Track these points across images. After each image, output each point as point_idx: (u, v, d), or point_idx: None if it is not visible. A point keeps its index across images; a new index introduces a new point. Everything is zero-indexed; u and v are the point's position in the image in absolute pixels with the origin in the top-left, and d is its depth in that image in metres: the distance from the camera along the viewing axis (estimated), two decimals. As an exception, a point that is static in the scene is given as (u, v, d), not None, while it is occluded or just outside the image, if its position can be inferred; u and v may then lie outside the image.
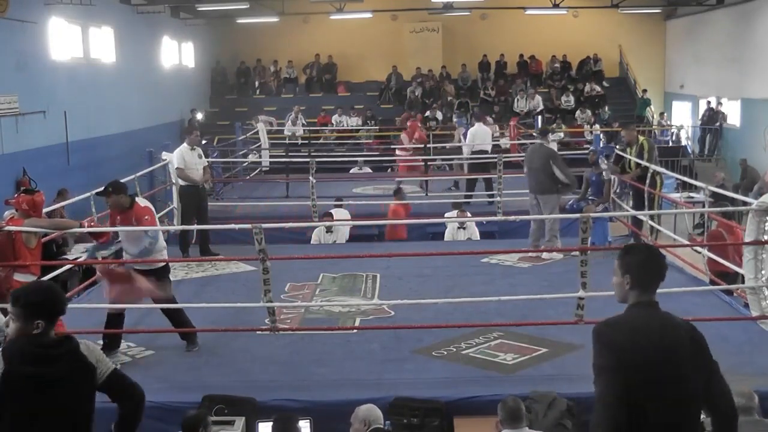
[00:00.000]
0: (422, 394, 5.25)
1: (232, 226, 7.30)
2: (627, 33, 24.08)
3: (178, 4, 19.59)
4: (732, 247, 7.54)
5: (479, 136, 13.12)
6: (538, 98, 22.08)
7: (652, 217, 9.45)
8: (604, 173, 9.70)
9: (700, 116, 21.10)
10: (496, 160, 11.49)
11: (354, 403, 4.71)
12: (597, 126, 20.60)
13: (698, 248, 8.25)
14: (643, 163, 9.51)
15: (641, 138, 10.04)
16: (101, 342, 6.12)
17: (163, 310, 6.26)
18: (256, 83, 24.10)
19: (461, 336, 6.34)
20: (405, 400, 5.15)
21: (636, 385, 2.84)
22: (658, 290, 3.04)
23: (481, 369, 5.77)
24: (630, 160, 9.82)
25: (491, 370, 5.75)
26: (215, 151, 15.20)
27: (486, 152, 13.00)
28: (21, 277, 5.60)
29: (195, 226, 9.42)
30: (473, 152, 13.01)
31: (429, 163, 14.39)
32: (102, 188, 6.25)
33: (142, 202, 6.35)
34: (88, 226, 6.35)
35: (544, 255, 8.91)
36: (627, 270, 3.00)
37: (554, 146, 11.00)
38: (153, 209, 6.38)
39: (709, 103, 20.73)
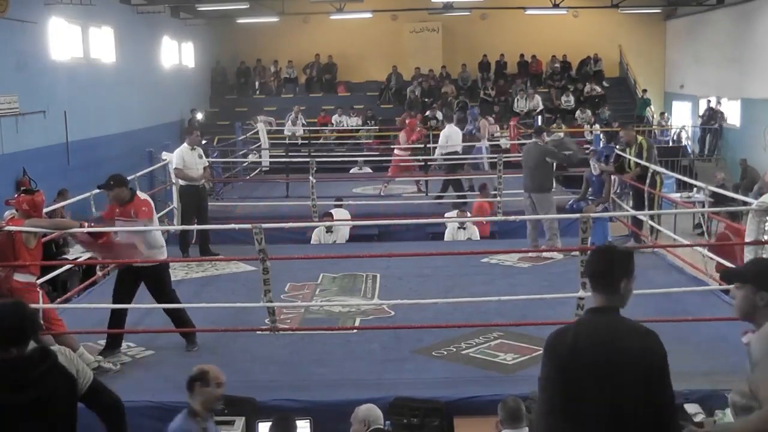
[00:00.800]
0: (422, 394, 5.24)
1: (232, 226, 7.30)
2: (627, 33, 24.09)
3: (178, 4, 19.59)
4: (740, 249, 7.52)
5: (452, 137, 12.93)
6: (538, 98, 22.06)
7: (652, 217, 9.46)
8: (593, 168, 9.75)
9: (699, 115, 21.09)
10: (466, 162, 11.39)
11: (354, 403, 4.71)
12: (597, 126, 20.59)
13: (699, 249, 8.24)
14: (643, 162, 9.51)
15: (639, 137, 10.05)
16: (102, 342, 6.14)
17: (165, 308, 6.27)
18: (256, 83, 24.11)
19: (461, 336, 6.34)
20: (405, 400, 5.14)
21: (576, 393, 2.77)
22: (659, 290, 3.02)
23: (481, 369, 5.77)
24: (629, 160, 9.83)
25: (491, 370, 5.75)
26: (215, 151, 15.19)
27: (457, 153, 12.91)
28: (21, 278, 5.60)
29: (195, 226, 9.42)
30: (445, 154, 12.80)
31: (429, 163, 14.37)
32: (104, 182, 6.26)
33: (141, 195, 6.37)
34: (88, 227, 6.35)
35: (545, 254, 8.91)
36: (585, 274, 2.97)
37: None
38: (152, 203, 6.39)
39: (709, 102, 20.73)
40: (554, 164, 9.61)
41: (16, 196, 5.96)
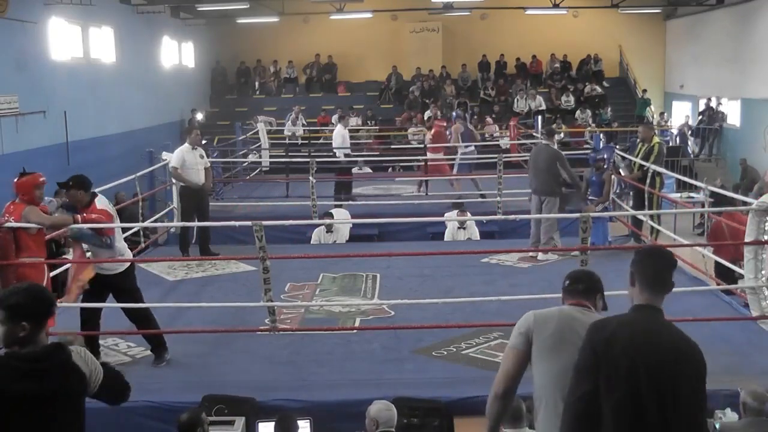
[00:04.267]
0: (422, 394, 5.25)
1: (233, 223, 7.31)
2: (627, 33, 24.09)
3: (178, 4, 19.58)
4: (734, 231, 7.53)
5: (335, 138, 13.14)
6: (540, 98, 22.05)
7: (652, 217, 9.45)
8: (620, 164, 9.59)
9: (699, 113, 21.07)
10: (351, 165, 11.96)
11: (354, 404, 4.71)
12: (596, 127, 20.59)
13: (699, 249, 8.25)
14: (645, 164, 9.50)
15: (655, 139, 9.99)
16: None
17: (130, 316, 6.05)
18: (256, 83, 24.11)
19: (461, 336, 6.34)
20: (405, 400, 5.14)
21: (605, 384, 2.77)
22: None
23: (481, 369, 5.76)
24: (634, 161, 9.83)
25: (491, 370, 5.69)
26: (215, 151, 15.19)
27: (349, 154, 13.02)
28: (28, 259, 5.69)
29: (195, 224, 9.41)
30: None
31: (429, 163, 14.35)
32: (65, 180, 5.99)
33: (100, 202, 5.88)
34: (82, 221, 6.33)
35: (540, 256, 8.88)
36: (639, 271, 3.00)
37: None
38: (111, 211, 5.95)
39: (708, 101, 20.71)
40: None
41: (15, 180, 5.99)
